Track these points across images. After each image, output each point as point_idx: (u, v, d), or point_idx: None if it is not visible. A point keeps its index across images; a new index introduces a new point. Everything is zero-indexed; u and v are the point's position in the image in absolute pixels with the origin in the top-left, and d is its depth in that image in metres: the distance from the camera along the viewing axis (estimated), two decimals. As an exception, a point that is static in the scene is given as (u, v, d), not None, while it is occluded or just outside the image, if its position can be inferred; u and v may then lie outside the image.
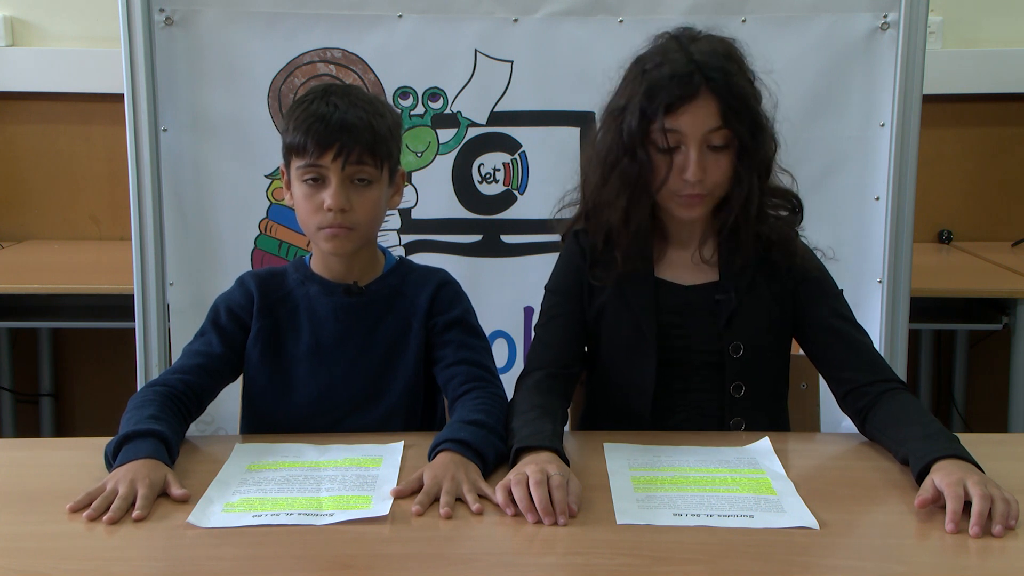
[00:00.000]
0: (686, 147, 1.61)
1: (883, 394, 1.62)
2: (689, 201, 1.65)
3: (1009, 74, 3.36)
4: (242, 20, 2.36)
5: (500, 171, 2.45)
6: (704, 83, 1.59)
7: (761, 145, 1.66)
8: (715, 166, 1.63)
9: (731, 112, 1.60)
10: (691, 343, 1.71)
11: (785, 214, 1.75)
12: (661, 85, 1.60)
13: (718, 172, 1.63)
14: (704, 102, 1.60)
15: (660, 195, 1.67)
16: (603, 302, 1.73)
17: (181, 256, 2.42)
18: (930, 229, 3.42)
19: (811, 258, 1.75)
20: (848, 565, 1.23)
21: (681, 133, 1.61)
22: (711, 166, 1.62)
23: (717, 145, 1.62)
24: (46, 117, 3.39)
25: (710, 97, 1.60)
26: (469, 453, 1.46)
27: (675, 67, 1.61)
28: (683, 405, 1.72)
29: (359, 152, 1.61)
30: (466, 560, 1.24)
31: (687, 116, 1.60)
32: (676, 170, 1.62)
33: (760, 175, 1.67)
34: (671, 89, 1.60)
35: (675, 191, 1.64)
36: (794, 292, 1.72)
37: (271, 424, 1.72)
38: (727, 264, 1.72)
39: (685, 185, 1.63)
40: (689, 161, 1.61)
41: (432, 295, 1.73)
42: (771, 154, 1.69)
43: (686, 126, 1.60)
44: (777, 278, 1.72)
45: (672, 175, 1.63)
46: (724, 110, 1.60)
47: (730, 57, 1.65)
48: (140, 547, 1.28)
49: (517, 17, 2.38)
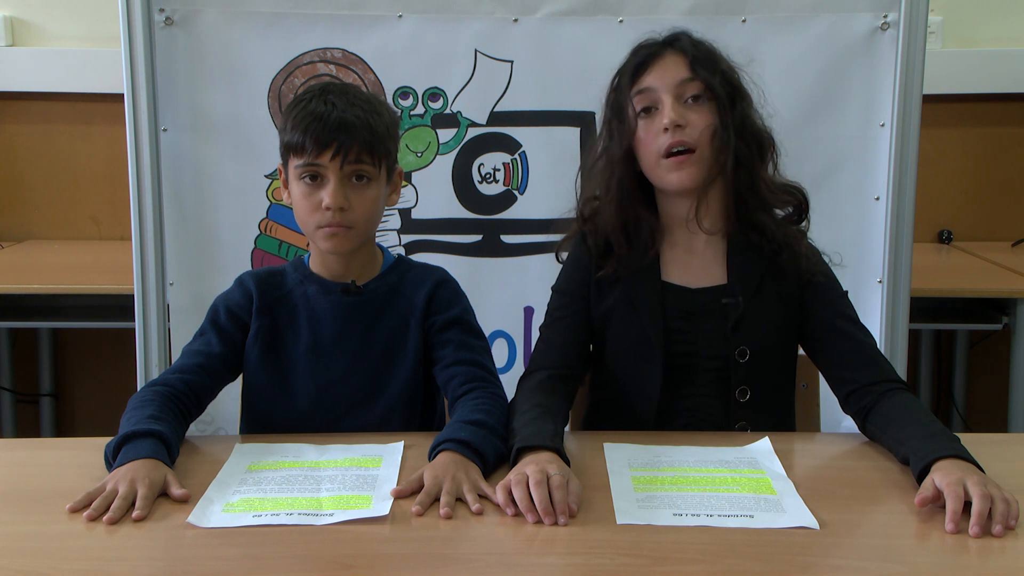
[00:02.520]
0: (660, 102, 1.65)
1: (885, 394, 1.62)
2: (676, 161, 1.65)
3: (1009, 74, 3.36)
4: (242, 20, 2.36)
5: (500, 171, 2.45)
6: (671, 45, 1.69)
7: (740, 102, 1.68)
8: (694, 116, 1.65)
9: (699, 63, 1.66)
10: (697, 347, 1.71)
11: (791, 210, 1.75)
12: (631, 57, 1.71)
13: (698, 122, 1.65)
14: (672, 57, 1.68)
15: (649, 167, 1.68)
16: (610, 305, 1.73)
17: (181, 256, 2.42)
18: (930, 229, 3.42)
19: (818, 259, 1.74)
20: (848, 565, 1.23)
21: (652, 89, 1.66)
22: (689, 116, 1.65)
23: (694, 95, 1.66)
24: (46, 117, 3.39)
25: (678, 53, 1.68)
26: (469, 453, 1.46)
27: (644, 41, 1.71)
28: (688, 409, 1.72)
29: (357, 151, 1.61)
30: (466, 560, 1.24)
31: (655, 71, 1.67)
32: (656, 130, 1.65)
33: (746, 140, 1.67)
34: (638, 56, 1.69)
35: (659, 151, 1.65)
36: (800, 294, 1.72)
37: (270, 423, 1.72)
38: (734, 267, 1.71)
39: (666, 137, 1.63)
40: (664, 107, 1.64)
41: (429, 294, 1.73)
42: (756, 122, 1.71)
43: (655, 81, 1.66)
44: (784, 281, 1.71)
45: (652, 136, 1.65)
46: (692, 62, 1.66)
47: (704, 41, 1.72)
48: (140, 547, 1.28)
49: (517, 17, 2.38)
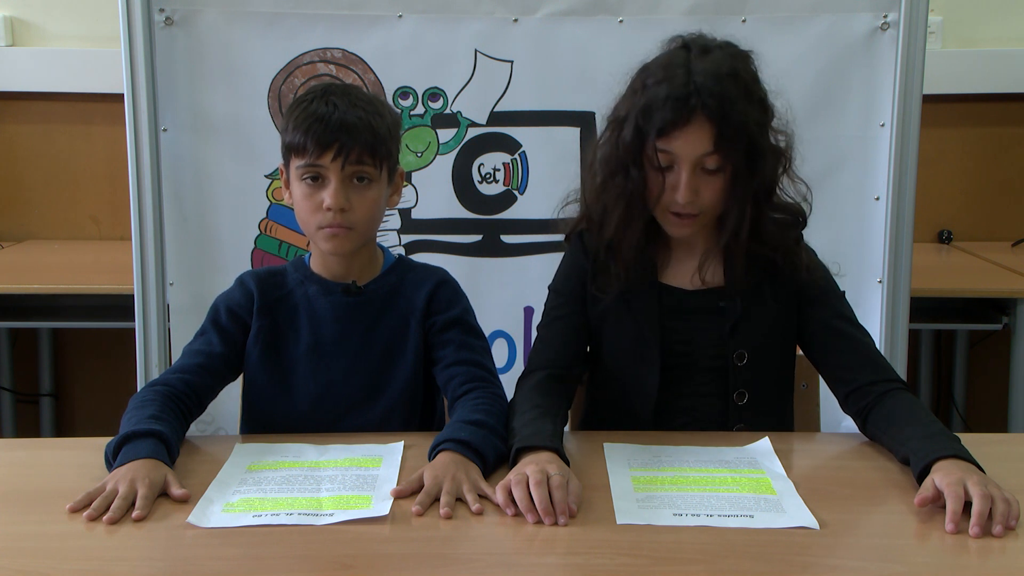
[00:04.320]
0: (678, 168, 1.61)
1: (884, 394, 1.62)
2: (681, 222, 1.65)
3: (1009, 74, 3.36)
4: (242, 20, 2.36)
5: (500, 171, 2.45)
6: (700, 108, 1.56)
7: (759, 170, 1.63)
8: (707, 188, 1.62)
9: (725, 138, 1.57)
10: (694, 349, 1.71)
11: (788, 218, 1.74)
12: (657, 106, 1.58)
13: (710, 194, 1.62)
14: (697, 127, 1.57)
15: (654, 210, 1.67)
16: (606, 306, 1.73)
17: (181, 256, 2.42)
18: (930, 229, 3.41)
19: (815, 262, 1.74)
20: (848, 565, 1.23)
21: (674, 155, 1.60)
22: (703, 188, 1.61)
23: (710, 168, 1.61)
24: (46, 117, 3.39)
25: (704, 122, 1.57)
26: (469, 453, 1.46)
27: (673, 87, 1.58)
28: (685, 411, 1.72)
29: (358, 152, 1.61)
30: (466, 560, 1.24)
31: (680, 140, 1.58)
32: (669, 188, 1.62)
33: (757, 198, 1.65)
34: (665, 112, 1.57)
35: (667, 208, 1.64)
36: (798, 295, 1.72)
37: (271, 423, 1.72)
38: (732, 270, 1.71)
39: (676, 204, 1.63)
40: (680, 183, 1.60)
41: (430, 294, 1.73)
42: (773, 175, 1.66)
43: (678, 149, 1.59)
44: (781, 283, 1.71)
45: (665, 193, 1.63)
46: (718, 136, 1.57)
47: (736, 77, 1.60)
48: (140, 547, 1.28)
49: (517, 17, 2.38)
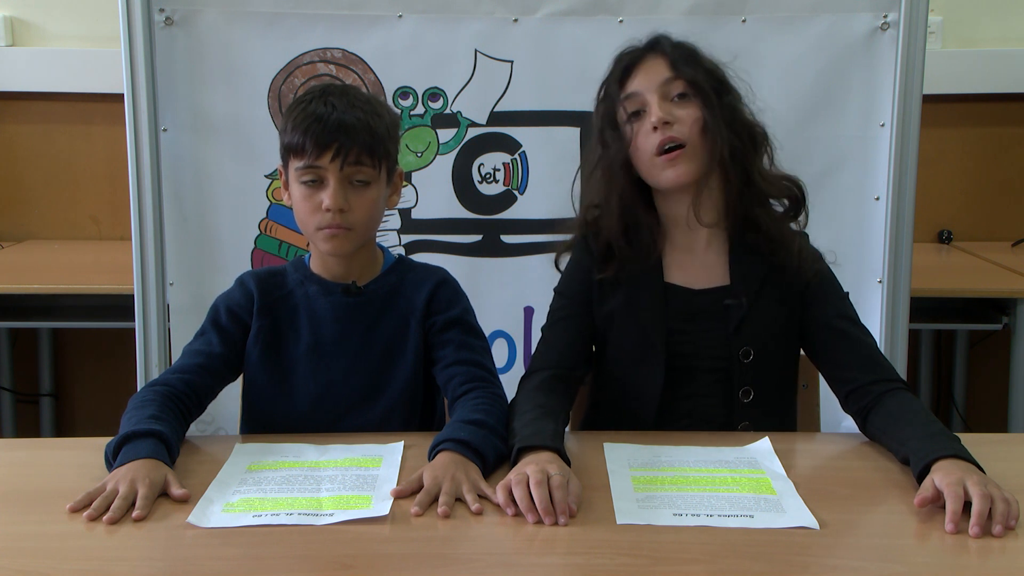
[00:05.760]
0: (648, 105, 1.67)
1: (885, 394, 1.62)
2: (668, 158, 1.66)
3: (1009, 74, 3.36)
4: (242, 20, 2.36)
5: (500, 171, 2.45)
6: (654, 47, 1.71)
7: (725, 95, 1.69)
8: (681, 112, 1.67)
9: (681, 61, 1.68)
10: (700, 348, 1.71)
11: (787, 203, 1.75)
12: (614, 64, 1.74)
13: (686, 117, 1.66)
14: (653, 59, 1.71)
15: (643, 168, 1.69)
16: (612, 307, 1.73)
17: (181, 256, 2.42)
18: (930, 229, 3.41)
19: (817, 260, 1.74)
20: (848, 565, 1.23)
21: (638, 93, 1.68)
22: (677, 113, 1.66)
23: (680, 94, 1.67)
24: (46, 117, 3.39)
25: (660, 56, 1.70)
26: (469, 453, 1.46)
27: (632, 48, 1.73)
28: (690, 409, 1.72)
29: (357, 153, 1.61)
30: (466, 560, 1.24)
31: (639, 75, 1.69)
32: (645, 131, 1.66)
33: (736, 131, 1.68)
34: (622, 60, 1.72)
35: (651, 151, 1.66)
36: (802, 294, 1.72)
37: (271, 423, 1.72)
38: (736, 268, 1.71)
39: (655, 136, 1.64)
40: (651, 107, 1.66)
41: (430, 294, 1.73)
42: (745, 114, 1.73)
43: (640, 84, 1.68)
44: (785, 282, 1.72)
45: (642, 136, 1.67)
46: (674, 61, 1.68)
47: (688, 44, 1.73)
48: (140, 547, 1.28)
49: (517, 17, 2.38)
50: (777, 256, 1.70)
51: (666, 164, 1.66)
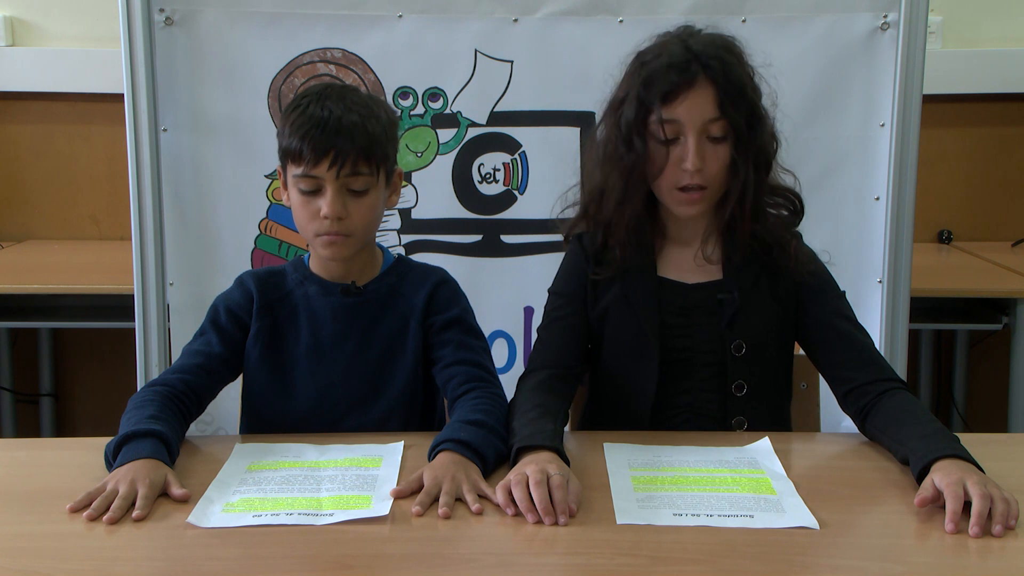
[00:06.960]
0: (684, 137, 1.62)
1: (883, 394, 1.62)
2: (688, 198, 1.65)
3: (1009, 74, 3.36)
4: (242, 20, 2.36)
5: (500, 171, 2.45)
6: (701, 71, 1.60)
7: (759, 136, 1.66)
8: (713, 156, 1.63)
9: (728, 101, 1.61)
10: (694, 342, 1.71)
11: (786, 214, 1.75)
12: (659, 75, 1.62)
13: (716, 163, 1.63)
14: (702, 90, 1.61)
15: (659, 190, 1.67)
16: (607, 304, 1.73)
17: (181, 256, 2.42)
18: (930, 229, 3.42)
19: (814, 260, 1.75)
20: (848, 565, 1.23)
21: (679, 123, 1.62)
22: (709, 156, 1.63)
23: (715, 136, 1.63)
24: (46, 117, 3.39)
25: (708, 85, 1.61)
26: (469, 453, 1.46)
27: (673, 57, 1.62)
28: (685, 404, 1.72)
29: (354, 159, 1.60)
30: (466, 560, 1.24)
31: (685, 105, 1.61)
32: (675, 161, 1.63)
33: (758, 168, 1.67)
34: (668, 77, 1.61)
35: (674, 184, 1.65)
36: (797, 292, 1.72)
37: (270, 423, 1.72)
38: (730, 262, 1.72)
39: (684, 176, 1.63)
40: (688, 150, 1.61)
41: (429, 294, 1.73)
42: (770, 147, 1.69)
43: (684, 115, 1.61)
44: (780, 277, 1.72)
45: (670, 166, 1.63)
46: (721, 98, 1.61)
47: (729, 50, 1.66)
48: (140, 547, 1.29)
49: (517, 17, 2.38)
50: (771, 253, 1.71)
51: (684, 201, 1.66)
